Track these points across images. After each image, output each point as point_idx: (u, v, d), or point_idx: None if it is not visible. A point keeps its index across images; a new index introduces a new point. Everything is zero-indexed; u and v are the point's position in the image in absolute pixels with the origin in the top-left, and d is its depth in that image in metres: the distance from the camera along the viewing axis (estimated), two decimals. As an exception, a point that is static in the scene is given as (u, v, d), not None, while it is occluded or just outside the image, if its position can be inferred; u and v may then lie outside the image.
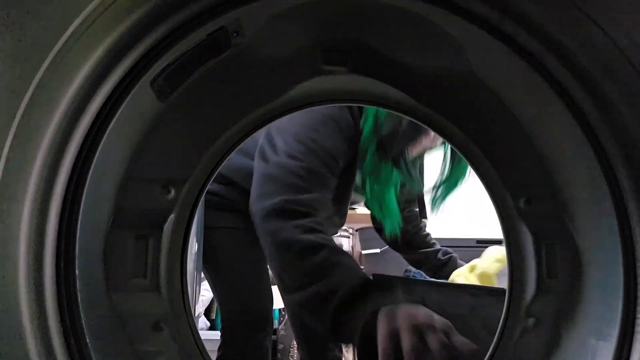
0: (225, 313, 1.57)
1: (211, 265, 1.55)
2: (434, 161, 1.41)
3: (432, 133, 1.23)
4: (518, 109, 0.84)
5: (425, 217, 1.77)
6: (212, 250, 1.53)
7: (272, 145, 1.15)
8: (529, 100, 0.82)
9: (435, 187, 1.38)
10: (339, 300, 0.97)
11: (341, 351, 1.59)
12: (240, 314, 1.52)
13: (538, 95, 0.79)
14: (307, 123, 1.15)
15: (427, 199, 1.48)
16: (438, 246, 1.80)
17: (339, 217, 1.44)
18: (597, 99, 0.74)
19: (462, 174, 1.35)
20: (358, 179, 1.36)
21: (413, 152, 1.27)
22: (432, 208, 1.41)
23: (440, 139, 1.29)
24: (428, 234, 1.83)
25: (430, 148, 1.31)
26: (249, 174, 1.21)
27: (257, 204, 1.10)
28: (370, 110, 1.20)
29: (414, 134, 1.21)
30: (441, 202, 1.39)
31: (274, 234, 1.07)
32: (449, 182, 1.36)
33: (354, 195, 1.42)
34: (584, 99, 0.75)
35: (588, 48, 0.70)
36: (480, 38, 0.75)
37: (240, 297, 1.52)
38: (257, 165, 1.17)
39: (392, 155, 1.25)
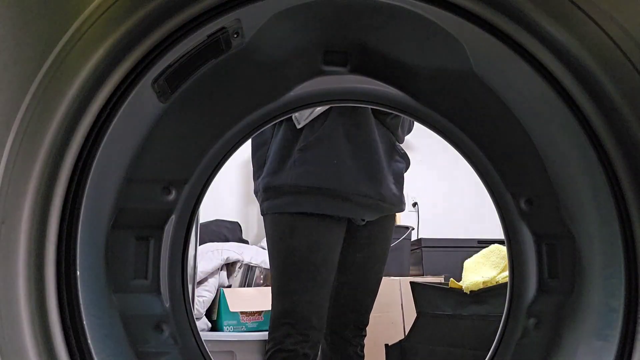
0: (273, 315, 1.43)
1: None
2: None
3: None
4: (518, 109, 0.84)
5: None
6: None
7: None
8: (529, 100, 0.82)
9: None
10: None
11: (362, 350, 1.53)
12: (282, 319, 1.39)
13: (538, 95, 0.78)
14: None
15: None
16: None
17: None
18: (598, 99, 0.74)
19: None
20: None
21: None
22: None
23: None
24: None
25: None
26: None
27: None
28: None
29: None
30: None
31: None
32: None
33: None
34: (585, 99, 0.75)
35: (588, 47, 0.70)
36: (480, 38, 0.75)
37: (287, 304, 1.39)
38: None
39: None
